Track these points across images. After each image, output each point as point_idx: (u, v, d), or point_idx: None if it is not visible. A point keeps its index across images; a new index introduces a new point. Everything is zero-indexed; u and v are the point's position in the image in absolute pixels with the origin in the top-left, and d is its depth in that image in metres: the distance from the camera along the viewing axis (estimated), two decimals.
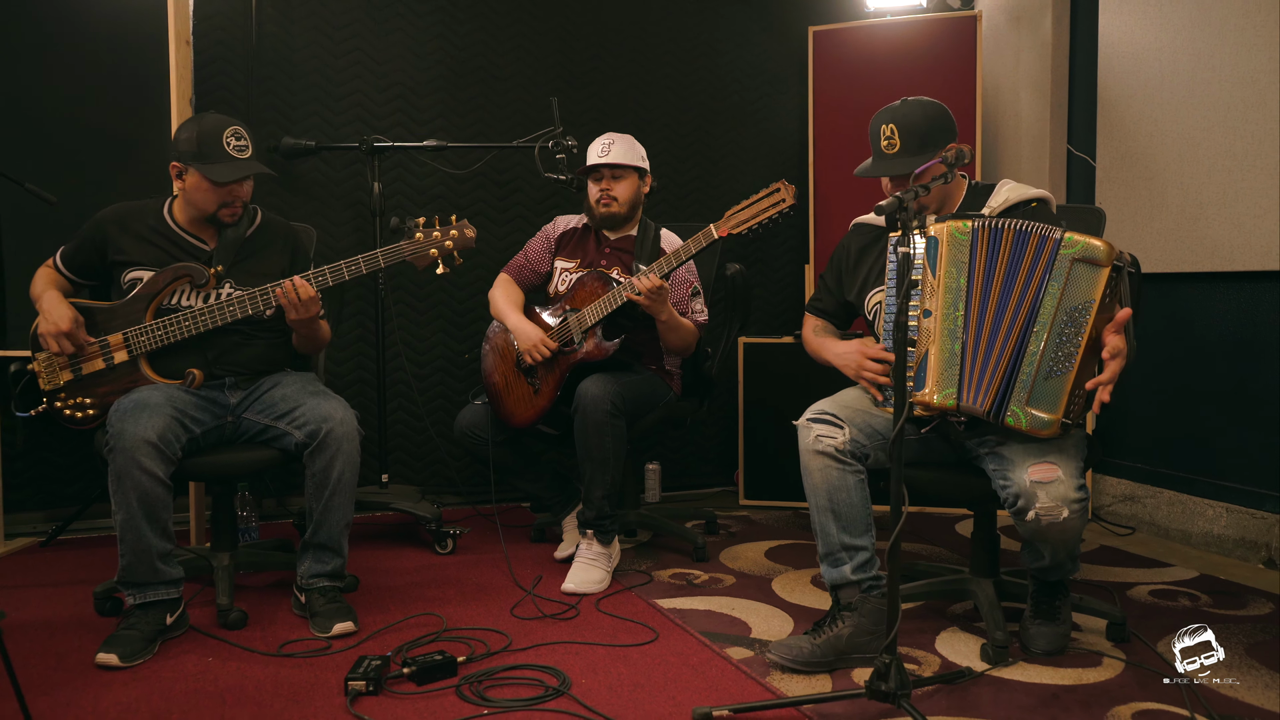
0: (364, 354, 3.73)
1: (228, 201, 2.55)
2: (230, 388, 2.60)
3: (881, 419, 2.30)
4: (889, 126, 2.32)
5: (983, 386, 2.11)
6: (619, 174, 3.08)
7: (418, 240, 2.62)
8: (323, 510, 2.50)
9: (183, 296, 2.57)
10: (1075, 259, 2.03)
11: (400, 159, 3.73)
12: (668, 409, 3.09)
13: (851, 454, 2.24)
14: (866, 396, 2.36)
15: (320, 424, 2.46)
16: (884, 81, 3.93)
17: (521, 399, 3.00)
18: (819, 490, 2.25)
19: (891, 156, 2.31)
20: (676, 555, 3.18)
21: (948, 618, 2.59)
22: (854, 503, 2.23)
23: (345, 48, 3.68)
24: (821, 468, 2.24)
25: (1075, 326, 2.02)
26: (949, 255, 2.16)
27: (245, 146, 2.54)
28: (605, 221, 3.09)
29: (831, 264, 2.60)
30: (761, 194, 2.73)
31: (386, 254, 2.59)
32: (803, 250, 4.15)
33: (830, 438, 2.24)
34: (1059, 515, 2.04)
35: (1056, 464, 2.06)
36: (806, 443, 2.27)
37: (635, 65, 4.05)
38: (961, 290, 2.15)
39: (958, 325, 2.14)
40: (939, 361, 2.15)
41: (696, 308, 3.10)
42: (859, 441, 2.25)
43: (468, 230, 2.66)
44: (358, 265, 2.57)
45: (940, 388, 2.15)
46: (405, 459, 3.82)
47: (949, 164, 2.15)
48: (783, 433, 3.87)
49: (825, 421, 2.26)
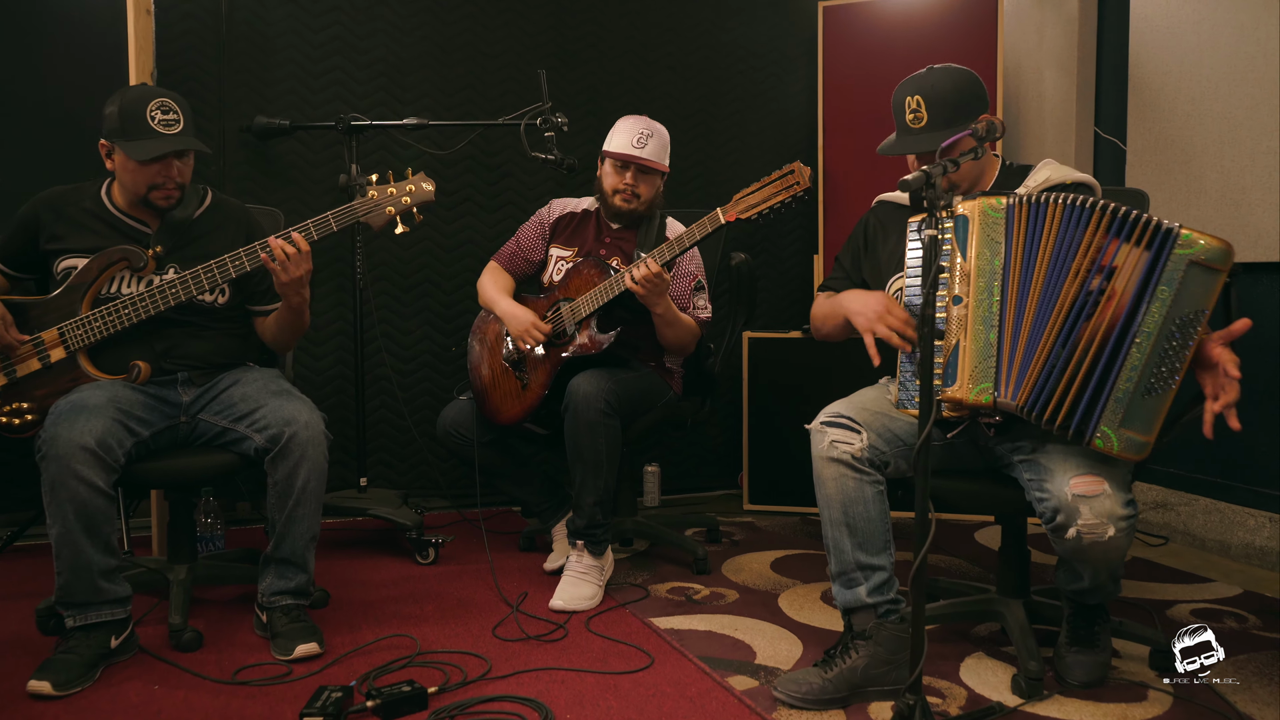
0: (343, 347, 3.50)
1: (157, 183, 2.32)
2: (183, 384, 2.37)
3: (903, 423, 2.06)
4: (915, 98, 2.09)
5: (1025, 381, 1.87)
6: (649, 170, 2.83)
7: (371, 198, 2.39)
8: (286, 521, 2.27)
9: (121, 284, 2.34)
10: (1194, 261, 1.75)
11: (382, 140, 3.50)
12: (667, 409, 2.86)
13: (870, 462, 2.00)
14: (887, 397, 2.13)
15: (283, 427, 2.24)
16: (899, 60, 3.68)
17: (508, 394, 2.77)
18: (833, 502, 2.02)
19: (918, 131, 2.09)
20: (675, 567, 2.95)
21: (971, 641, 2.36)
22: (871, 517, 2.00)
23: (324, 21, 3.45)
24: (836, 477, 2.01)
25: (1184, 338, 1.77)
26: (981, 235, 1.92)
27: (174, 120, 2.30)
28: (622, 217, 2.87)
29: (849, 243, 2.37)
30: (773, 176, 2.50)
31: (338, 216, 2.36)
32: (811, 239, 3.91)
33: (846, 444, 2.01)
34: (1104, 533, 1.80)
35: (1102, 476, 1.83)
36: (820, 449, 2.04)
37: (634, 42, 3.81)
38: (997, 273, 1.90)
39: (993, 312, 1.90)
40: (973, 353, 1.91)
41: (700, 304, 2.87)
42: (878, 448, 2.02)
43: (425, 184, 2.43)
44: (307, 230, 2.33)
45: (974, 382, 1.90)
46: (387, 459, 3.59)
47: (980, 138, 1.91)
48: (790, 434, 3.68)
49: (841, 425, 2.03)
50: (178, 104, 2.32)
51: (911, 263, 1.99)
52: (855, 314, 2.07)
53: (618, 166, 2.82)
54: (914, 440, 2.04)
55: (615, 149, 2.80)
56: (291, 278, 2.30)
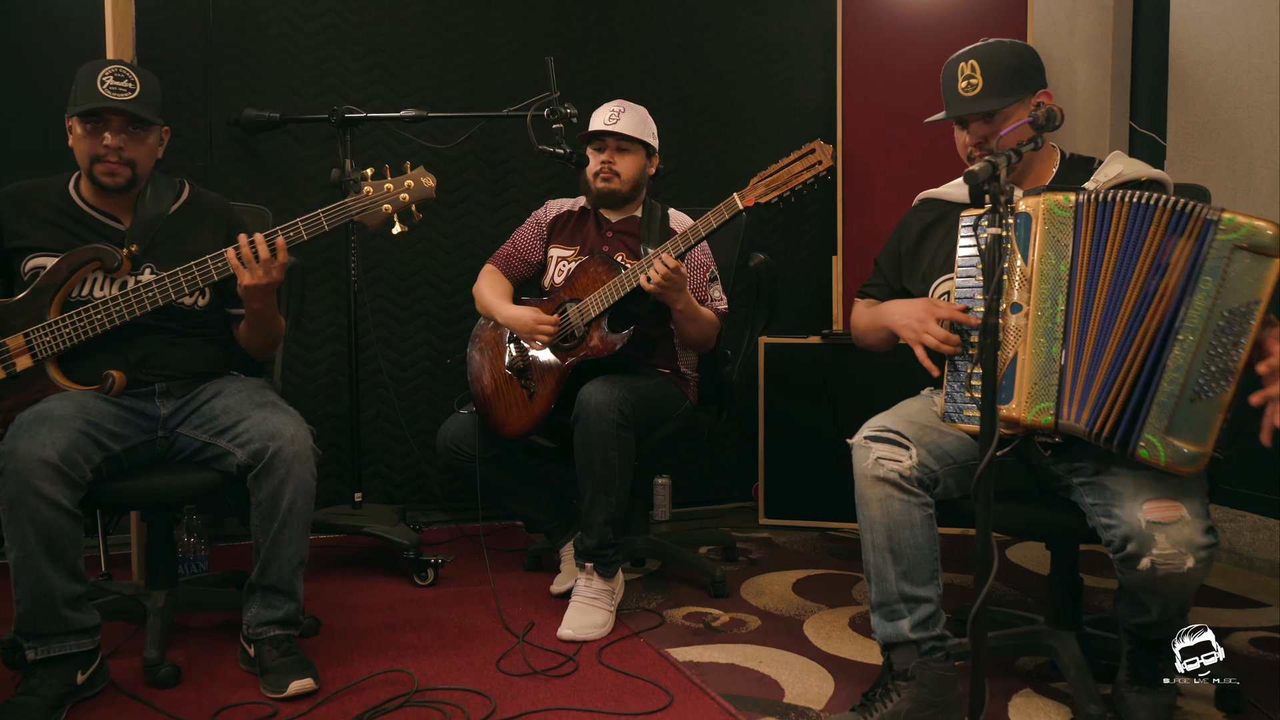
0: (336, 354, 3.31)
1: (98, 154, 2.12)
2: (161, 396, 2.18)
3: (953, 439, 1.87)
4: (970, 64, 1.92)
5: (1089, 401, 1.69)
6: (625, 147, 2.68)
7: (366, 195, 2.19)
8: (271, 545, 2.08)
9: (94, 286, 2.15)
10: (1238, 246, 1.58)
11: (379, 134, 3.31)
12: (683, 420, 2.67)
13: (919, 481, 1.82)
14: (933, 409, 1.94)
15: (266, 442, 2.05)
16: (922, 50, 3.50)
17: (514, 405, 2.58)
18: (877, 526, 1.83)
19: (972, 98, 1.92)
20: (691, 589, 2.76)
21: (1018, 676, 2.17)
22: (919, 543, 1.81)
23: (317, 8, 3.26)
24: (882, 498, 1.82)
25: (1235, 334, 1.59)
26: (1045, 236, 1.73)
27: (126, 87, 2.10)
28: (603, 199, 2.69)
29: (889, 244, 2.19)
30: (793, 156, 2.36)
31: (331, 214, 2.17)
32: (829, 239, 3.72)
33: (895, 461, 1.82)
34: (1181, 564, 1.61)
35: (1179, 500, 1.64)
36: (864, 466, 1.85)
37: (644, 33, 3.62)
38: (1062, 280, 1.72)
39: (1056, 323, 1.72)
40: (1032, 369, 1.72)
41: (715, 295, 2.69)
42: (928, 466, 1.83)
43: (425, 179, 2.22)
44: (296, 230, 2.14)
45: (1033, 401, 1.72)
46: (384, 471, 3.40)
47: (1039, 126, 1.73)
48: (807, 444, 3.49)
49: (889, 441, 1.84)
50: (139, 76, 2.13)
51: (963, 263, 1.80)
52: (900, 326, 1.91)
53: (595, 149, 2.70)
54: (965, 458, 1.86)
55: (589, 129, 2.68)
56: (255, 282, 2.10)
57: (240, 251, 2.09)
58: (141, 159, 2.18)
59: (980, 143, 1.95)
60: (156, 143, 2.23)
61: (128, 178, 2.17)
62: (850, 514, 3.42)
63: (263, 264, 2.09)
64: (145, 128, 2.16)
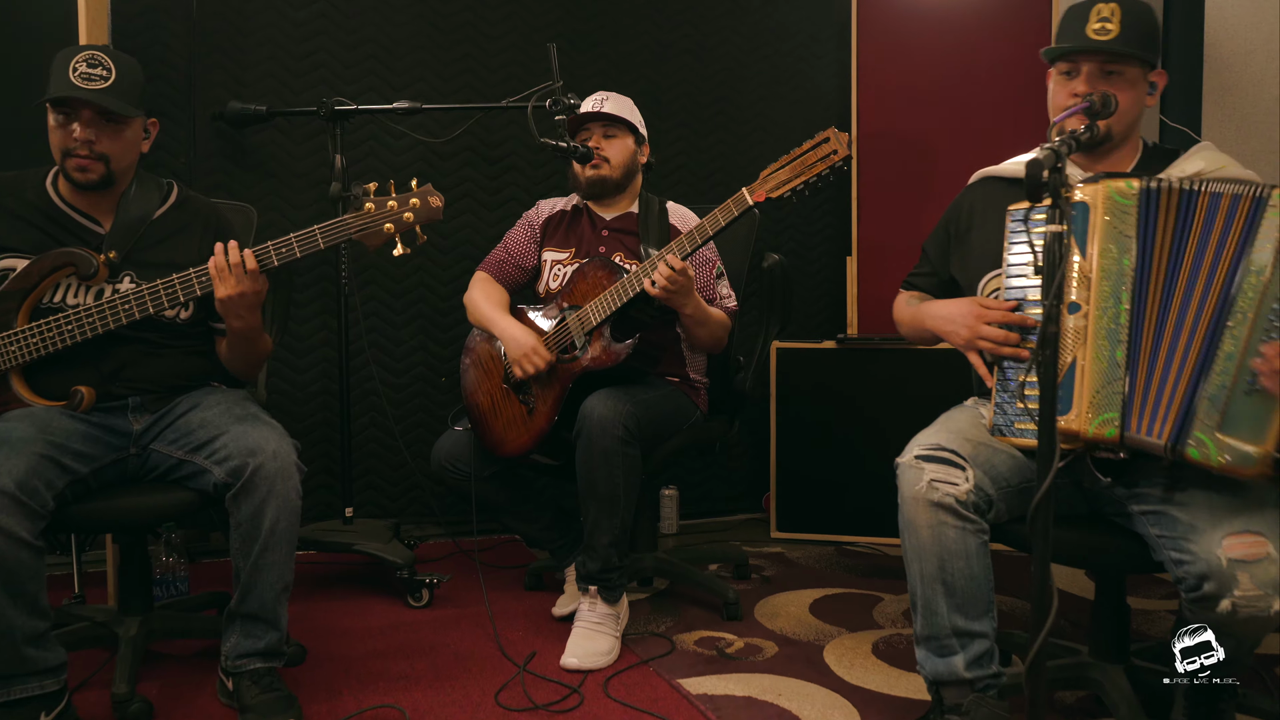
0: (327, 359, 3.15)
1: (69, 148, 1.96)
2: (134, 411, 2.02)
3: (1005, 457, 1.71)
4: (1110, 6, 1.74)
5: (1161, 410, 1.53)
6: (612, 132, 2.54)
7: (367, 212, 2.02)
8: (252, 570, 1.92)
9: (67, 293, 1.99)
10: None
11: (372, 128, 3.15)
12: (693, 432, 2.51)
13: (974, 506, 1.65)
14: (981, 422, 1.78)
15: (246, 458, 1.88)
16: (942, 42, 3.35)
17: (512, 422, 2.42)
18: (927, 554, 1.66)
19: (1105, 40, 1.73)
20: (702, 610, 2.60)
21: (1060, 710, 2.02)
22: (974, 574, 1.65)
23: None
24: (934, 524, 1.65)
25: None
26: (1106, 227, 1.57)
27: (100, 76, 1.94)
28: (594, 188, 2.54)
29: (939, 229, 2.02)
30: (805, 147, 2.20)
31: (327, 231, 2.00)
32: (843, 239, 3.56)
33: (950, 484, 1.65)
34: (1267, 606, 1.45)
35: (1263, 534, 1.48)
36: (915, 489, 1.67)
37: (649, 23, 3.46)
38: (1126, 275, 1.57)
39: (1120, 324, 1.56)
40: (1093, 374, 1.57)
41: (724, 292, 2.54)
42: (983, 489, 1.67)
43: (432, 198, 2.05)
44: (290, 247, 1.98)
45: (1095, 411, 1.56)
46: (377, 483, 3.24)
47: (1094, 112, 1.58)
48: (821, 454, 3.31)
49: (942, 460, 1.67)
50: (115, 63, 1.97)
51: (1013, 261, 1.65)
52: (947, 332, 1.77)
53: (581, 137, 2.56)
54: (1018, 480, 1.70)
55: (574, 115, 2.54)
56: (230, 293, 1.94)
57: (216, 259, 1.93)
58: (116, 153, 2.01)
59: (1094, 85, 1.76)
60: (137, 137, 2.07)
61: (101, 174, 2.00)
62: (867, 528, 3.34)
63: (235, 271, 1.93)
64: (120, 120, 2.00)
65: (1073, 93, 1.77)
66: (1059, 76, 1.82)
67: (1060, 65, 1.81)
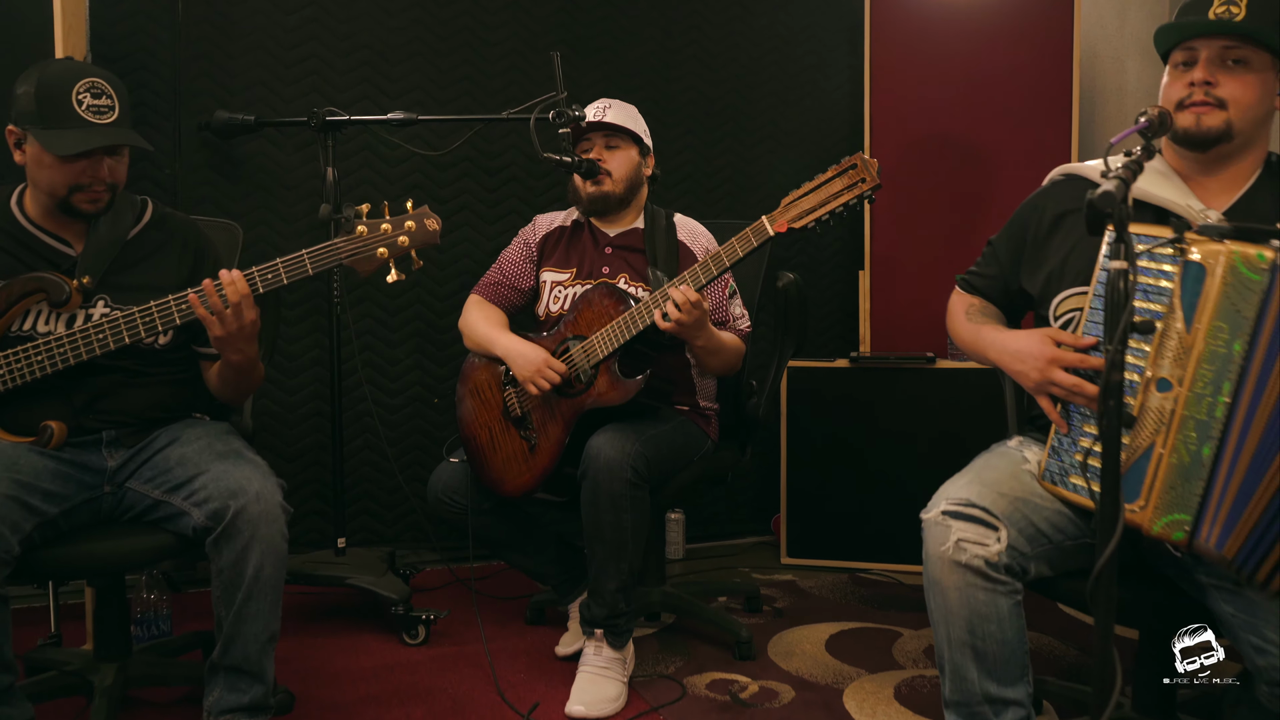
0: (319, 379, 3.01)
1: (82, 183, 1.84)
2: (109, 445, 1.89)
3: (1050, 510, 1.57)
4: None
5: (1238, 523, 1.35)
6: (614, 143, 2.40)
7: (359, 236, 1.88)
8: (235, 620, 1.79)
9: (38, 320, 1.86)
10: None
11: (365, 139, 3.02)
12: (704, 463, 2.38)
13: (1006, 569, 1.52)
14: (1024, 466, 1.64)
15: (227, 501, 1.75)
16: (959, 47, 3.23)
17: (513, 459, 2.28)
18: (955, 618, 1.53)
19: (1230, 21, 1.52)
20: (713, 648, 2.47)
21: None
22: (1007, 638, 1.52)
23: (297, 1, 2.96)
24: (962, 586, 1.51)
25: None
26: (1222, 302, 1.34)
27: (108, 107, 1.82)
28: (595, 204, 2.40)
29: (1012, 229, 1.82)
30: (830, 173, 2.03)
31: (316, 256, 1.87)
32: (855, 253, 3.43)
33: (980, 545, 1.51)
34: None
35: None
36: (941, 549, 1.53)
37: (655, 29, 3.33)
38: (1233, 362, 1.34)
39: (1215, 418, 1.35)
40: (1171, 468, 1.39)
41: (737, 312, 2.41)
42: (1017, 549, 1.53)
43: (429, 221, 1.92)
44: (276, 273, 1.85)
45: (1165, 509, 1.39)
46: (370, 508, 3.10)
47: (1151, 131, 1.44)
48: (834, 478, 3.16)
49: (972, 519, 1.53)
50: (112, 86, 1.85)
51: (1102, 285, 1.47)
52: (1016, 374, 1.61)
53: (581, 148, 2.42)
54: (1061, 538, 1.56)
55: (575, 125, 2.39)
56: (228, 331, 1.82)
57: (208, 300, 1.80)
58: (121, 179, 1.92)
59: (1208, 84, 1.53)
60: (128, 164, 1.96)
61: (109, 200, 1.90)
62: (882, 554, 3.20)
63: (233, 309, 1.80)
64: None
65: (1190, 82, 1.56)
66: (1174, 69, 1.60)
67: (1176, 55, 1.60)
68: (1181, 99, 1.56)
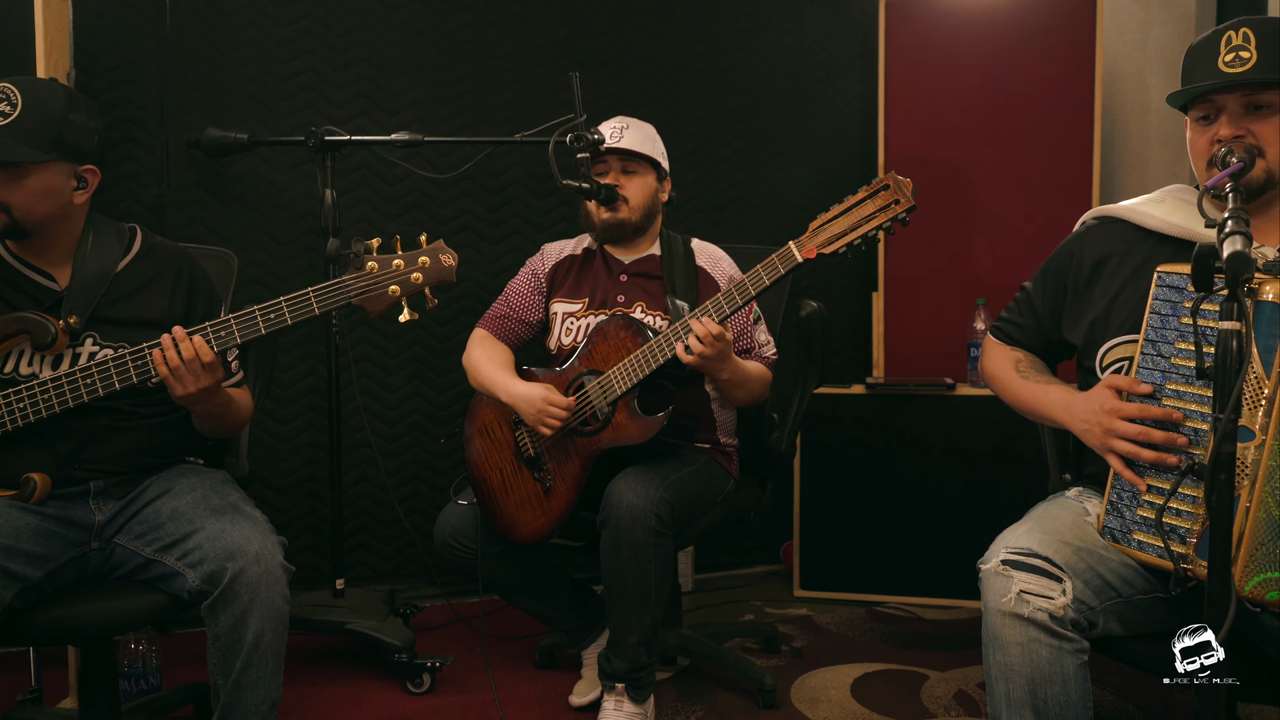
0: (314, 408, 2.88)
1: None
2: (97, 497, 1.75)
3: (1118, 563, 1.47)
4: (1240, 32, 1.49)
5: None
6: (631, 168, 2.29)
7: (370, 272, 1.76)
8: (233, 689, 1.66)
9: (20, 361, 1.72)
10: None
11: (364, 159, 2.89)
12: (727, 505, 2.26)
13: (1073, 623, 1.41)
14: (1086, 519, 1.54)
15: (224, 562, 1.62)
16: (976, 63, 3.13)
17: (526, 501, 2.15)
18: (1015, 676, 1.42)
19: (1243, 71, 1.47)
20: (733, 695, 2.35)
21: None
22: (1071, 701, 1.41)
23: (293, 12, 2.83)
24: (1023, 642, 1.41)
25: None
26: None
27: (2, 111, 1.65)
28: (610, 231, 2.29)
29: (1049, 276, 1.74)
30: (861, 194, 1.92)
31: (322, 295, 1.74)
32: (868, 273, 3.33)
33: (1045, 597, 1.41)
34: None
35: None
36: (1002, 601, 1.43)
37: (662, 42, 3.21)
38: None
39: None
40: (1260, 524, 1.29)
41: (762, 339, 2.31)
42: (1084, 602, 1.43)
43: (444, 256, 1.80)
44: (280, 313, 1.72)
45: (1255, 567, 1.30)
46: (369, 542, 2.97)
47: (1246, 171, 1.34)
48: (848, 508, 3.04)
49: (1035, 570, 1.42)
50: (23, 97, 1.66)
51: (1153, 331, 1.38)
52: (1080, 434, 1.51)
53: (596, 172, 2.31)
54: (1131, 591, 1.47)
55: (591, 149, 2.28)
56: (187, 391, 1.69)
57: (166, 355, 1.66)
58: (17, 203, 1.69)
59: (1237, 136, 1.49)
60: (51, 186, 1.71)
61: (3, 223, 1.70)
62: (898, 586, 3.08)
63: (190, 371, 1.67)
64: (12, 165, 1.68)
65: (1215, 139, 1.51)
66: (1195, 124, 1.57)
67: (1195, 110, 1.56)
68: (1217, 155, 1.49)
